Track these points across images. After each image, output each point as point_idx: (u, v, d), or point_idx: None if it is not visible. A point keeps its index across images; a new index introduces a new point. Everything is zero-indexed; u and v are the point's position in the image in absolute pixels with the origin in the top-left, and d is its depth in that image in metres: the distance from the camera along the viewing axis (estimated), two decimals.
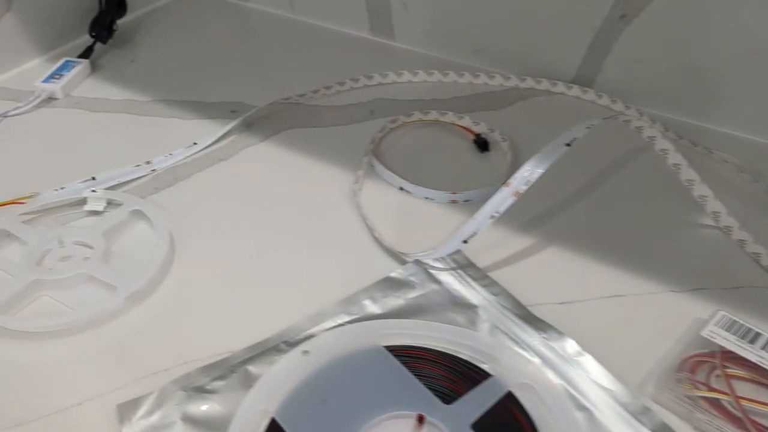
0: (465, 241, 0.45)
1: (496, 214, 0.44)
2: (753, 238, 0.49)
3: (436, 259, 0.47)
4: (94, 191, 0.53)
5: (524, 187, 0.44)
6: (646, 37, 0.59)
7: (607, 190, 0.54)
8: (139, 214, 0.52)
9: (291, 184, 0.56)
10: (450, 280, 0.46)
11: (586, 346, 0.41)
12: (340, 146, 0.60)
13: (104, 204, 0.53)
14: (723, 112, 0.59)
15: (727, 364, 0.40)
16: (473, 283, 0.46)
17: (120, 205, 0.52)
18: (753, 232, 0.49)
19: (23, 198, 0.53)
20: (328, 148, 0.60)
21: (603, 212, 0.52)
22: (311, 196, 0.55)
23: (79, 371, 0.42)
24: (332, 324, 0.44)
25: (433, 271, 0.47)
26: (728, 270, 0.48)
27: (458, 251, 0.47)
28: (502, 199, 0.44)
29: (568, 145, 0.44)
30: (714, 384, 0.40)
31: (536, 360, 0.41)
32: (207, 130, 0.61)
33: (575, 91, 0.64)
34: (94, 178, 0.55)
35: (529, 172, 0.44)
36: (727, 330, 0.42)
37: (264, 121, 0.63)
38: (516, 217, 0.51)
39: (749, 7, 0.54)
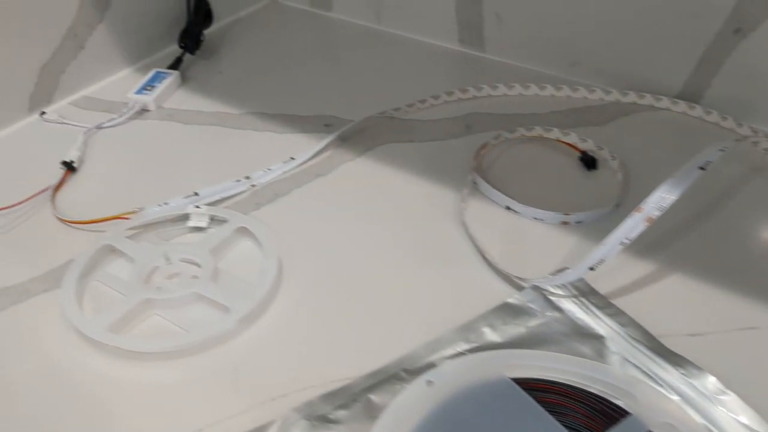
0: (592, 269, 0.43)
1: (627, 241, 0.42)
2: None
3: (556, 285, 0.45)
4: (197, 207, 0.53)
5: (657, 213, 0.42)
6: (762, 52, 0.57)
7: (733, 213, 0.51)
8: (244, 231, 0.51)
9: (392, 201, 0.55)
10: (572, 308, 0.44)
11: (723, 381, 0.39)
12: (438, 162, 0.58)
13: (208, 220, 0.52)
14: None
15: None
16: (598, 312, 0.44)
17: (224, 222, 0.52)
18: None
19: (128, 213, 0.53)
20: (426, 164, 0.58)
21: (730, 236, 0.50)
22: (414, 214, 0.53)
23: (195, 395, 0.42)
24: (452, 352, 0.42)
25: (553, 298, 0.45)
26: None
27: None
28: (634, 225, 0.42)
29: (702, 168, 0.42)
30: None
31: (675, 397, 0.39)
32: (302, 144, 0.61)
33: (681, 106, 0.62)
34: (197, 194, 0.54)
35: (662, 197, 0.42)
36: None
37: (359, 136, 0.62)
38: (636, 241, 0.48)
39: None
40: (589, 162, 0.56)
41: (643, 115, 0.62)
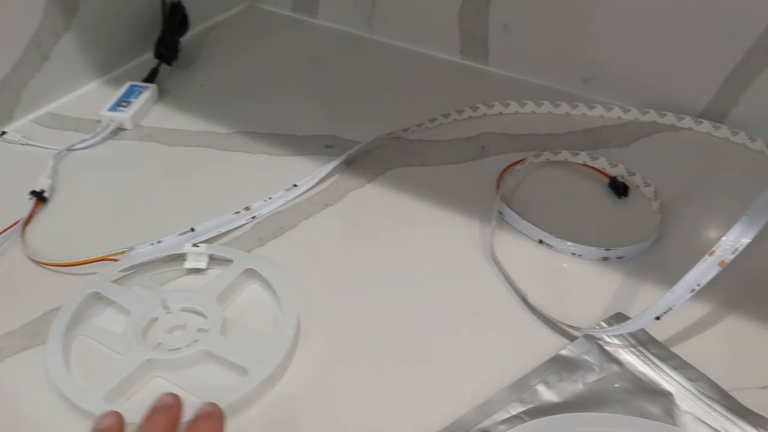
0: (658, 318, 0.39)
1: (698, 287, 0.38)
2: None
3: (613, 335, 0.41)
4: (195, 245, 0.46)
5: (731, 257, 0.38)
6: None
7: None
8: (252, 273, 0.45)
9: (412, 234, 0.50)
10: (632, 360, 0.40)
11: None
12: (455, 188, 0.53)
13: (207, 260, 0.46)
14: None
15: None
16: (661, 365, 0.40)
17: (228, 262, 0.46)
18: None
19: (115, 254, 0.46)
20: (442, 190, 0.53)
21: None
22: (438, 249, 0.48)
23: None
24: (506, 415, 0.38)
25: (609, 348, 0.41)
26: None
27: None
28: (706, 270, 0.38)
29: None
30: None
31: None
32: (302, 168, 0.55)
33: (705, 126, 0.58)
34: (193, 230, 0.48)
35: (736, 240, 0.38)
36: None
37: (364, 158, 0.56)
38: None
39: None
40: (620, 189, 0.52)
41: (664, 135, 0.59)
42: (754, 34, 0.53)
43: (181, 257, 0.47)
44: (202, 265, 0.46)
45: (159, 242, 0.47)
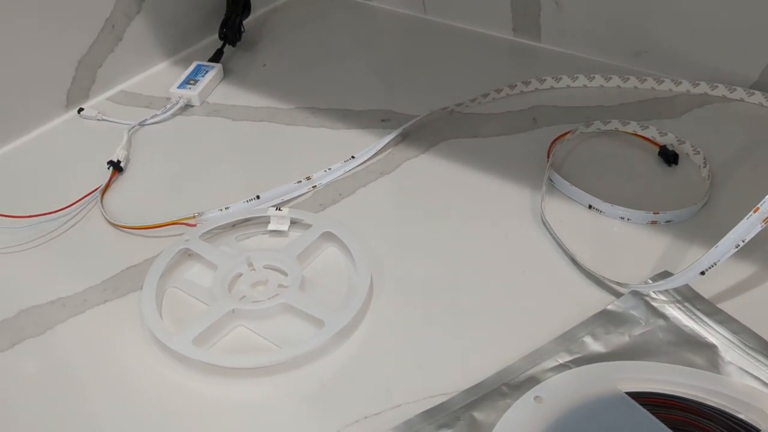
0: (703, 273, 0.40)
1: (742, 243, 0.39)
2: None
3: (659, 291, 0.42)
4: (278, 209, 0.49)
5: None
6: None
7: None
8: (329, 236, 0.48)
9: (464, 200, 0.52)
10: (677, 314, 0.42)
11: None
12: (507, 157, 0.55)
13: (288, 223, 0.49)
14: None
15: None
16: (706, 319, 0.41)
17: (309, 226, 0.48)
18: None
19: (186, 218, 0.50)
20: (495, 159, 0.55)
21: None
22: (490, 215, 0.50)
23: (287, 415, 0.39)
24: (553, 364, 0.40)
25: (655, 304, 0.42)
26: None
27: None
28: (750, 226, 0.39)
29: None
30: None
31: None
32: (360, 141, 0.57)
33: (757, 97, 0.59)
34: (258, 197, 0.51)
35: None
36: None
37: (419, 131, 0.59)
38: None
39: None
40: (669, 157, 0.53)
41: (716, 106, 0.60)
42: None
43: (266, 220, 0.50)
44: (284, 227, 0.49)
45: (227, 208, 0.51)
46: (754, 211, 0.39)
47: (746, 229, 0.39)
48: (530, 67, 0.66)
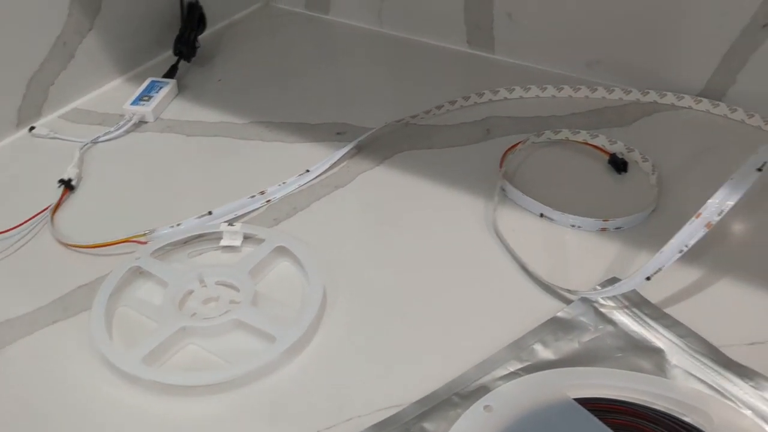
0: (648, 278, 0.41)
1: (685, 248, 0.40)
2: None
3: (606, 297, 0.43)
4: (231, 225, 0.49)
5: (717, 218, 0.40)
6: None
7: None
8: (282, 251, 0.48)
9: (419, 212, 0.52)
10: (625, 320, 0.42)
11: None
12: (460, 169, 0.56)
13: (241, 239, 0.49)
14: None
15: None
16: (653, 324, 0.42)
17: (261, 240, 0.48)
18: None
19: (138, 236, 0.49)
20: (448, 171, 0.56)
21: None
22: (444, 225, 0.51)
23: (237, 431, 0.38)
24: (504, 372, 0.40)
25: (604, 310, 0.43)
26: None
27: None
28: (693, 232, 0.40)
29: (760, 170, 0.40)
30: None
31: (747, 412, 0.37)
32: (315, 154, 0.57)
33: (704, 104, 0.60)
34: (210, 213, 0.51)
35: (721, 202, 0.40)
36: None
37: (374, 144, 0.59)
38: None
39: None
40: (619, 165, 0.54)
41: (664, 114, 0.61)
42: (749, 11, 0.55)
43: (219, 236, 0.49)
44: (237, 243, 0.49)
45: (179, 225, 0.50)
46: (696, 217, 0.40)
47: (689, 234, 0.40)
48: (485, 79, 0.66)
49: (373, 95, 0.65)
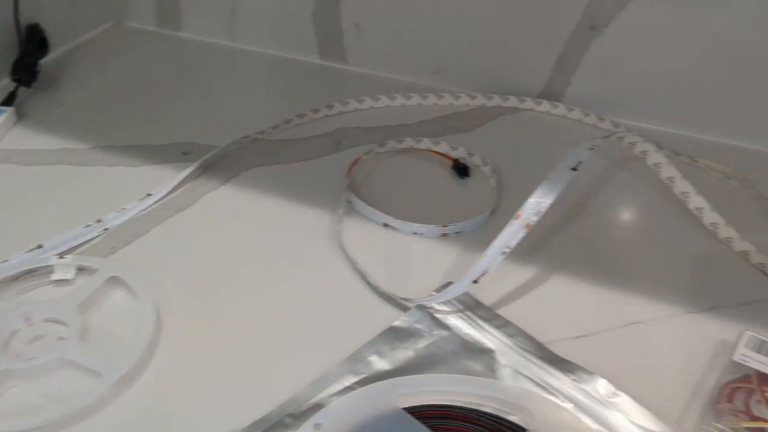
0: (475, 281, 0.42)
1: (508, 250, 0.41)
2: (755, 248, 0.47)
3: (441, 302, 0.43)
4: (62, 257, 0.47)
5: (535, 218, 0.41)
6: (617, 47, 0.58)
7: (601, 211, 0.52)
8: (116, 281, 0.46)
9: (263, 230, 0.51)
10: (459, 323, 0.43)
11: (614, 382, 0.39)
12: (308, 183, 0.55)
13: (74, 272, 0.47)
14: (701, 119, 0.58)
15: (765, 388, 0.38)
16: (485, 325, 0.42)
17: (94, 271, 0.46)
18: (754, 242, 0.48)
19: None
20: (296, 186, 0.55)
21: (603, 235, 0.50)
22: (289, 242, 0.50)
23: None
24: (339, 387, 0.40)
25: (439, 316, 0.43)
26: (738, 283, 0.46)
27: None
28: (513, 233, 0.41)
29: (574, 169, 0.41)
30: (754, 410, 0.38)
31: (568, 405, 0.38)
32: (159, 177, 0.56)
33: (544, 106, 0.62)
34: (40, 246, 0.49)
35: (538, 202, 0.41)
36: (758, 351, 0.40)
37: (221, 162, 0.58)
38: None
39: (720, 13, 0.53)
40: (461, 170, 0.55)
41: (508, 117, 0.62)
42: (576, 14, 0.57)
43: (51, 270, 0.47)
44: (70, 275, 0.47)
45: (5, 261, 0.48)
46: (516, 218, 0.41)
47: (510, 235, 0.41)
48: (337, 90, 0.66)
49: (222, 112, 0.64)
